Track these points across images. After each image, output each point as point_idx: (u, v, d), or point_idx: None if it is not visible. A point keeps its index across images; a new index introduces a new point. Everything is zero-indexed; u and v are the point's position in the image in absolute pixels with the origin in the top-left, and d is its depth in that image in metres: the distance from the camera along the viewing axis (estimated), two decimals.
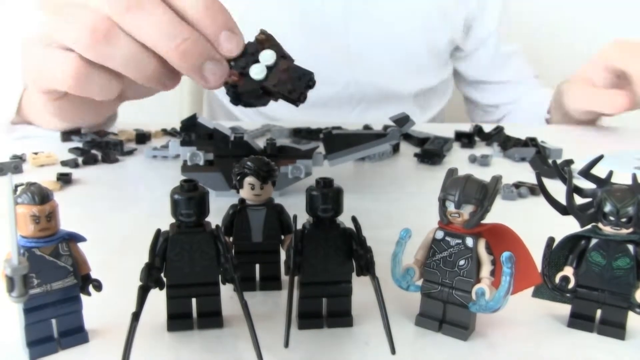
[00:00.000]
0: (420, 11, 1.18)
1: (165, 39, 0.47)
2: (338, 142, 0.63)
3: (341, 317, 0.37)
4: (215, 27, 0.49)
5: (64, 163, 0.72)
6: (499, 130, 0.90)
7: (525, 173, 0.73)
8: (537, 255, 0.37)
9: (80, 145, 0.80)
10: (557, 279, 0.37)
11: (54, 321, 0.34)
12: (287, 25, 1.13)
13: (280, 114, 1.13)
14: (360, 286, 0.37)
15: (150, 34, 0.48)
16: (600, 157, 0.40)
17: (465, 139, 0.87)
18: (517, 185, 0.65)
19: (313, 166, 0.62)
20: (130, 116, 0.94)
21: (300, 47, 1.18)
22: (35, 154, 0.72)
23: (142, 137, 0.85)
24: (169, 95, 0.64)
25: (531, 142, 0.83)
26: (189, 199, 0.35)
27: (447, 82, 1.32)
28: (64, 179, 0.65)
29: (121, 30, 0.48)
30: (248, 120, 1.15)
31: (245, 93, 0.53)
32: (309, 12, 1.15)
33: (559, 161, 0.74)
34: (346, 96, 1.20)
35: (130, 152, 0.79)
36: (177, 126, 0.72)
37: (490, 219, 0.35)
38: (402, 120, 0.61)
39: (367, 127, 0.93)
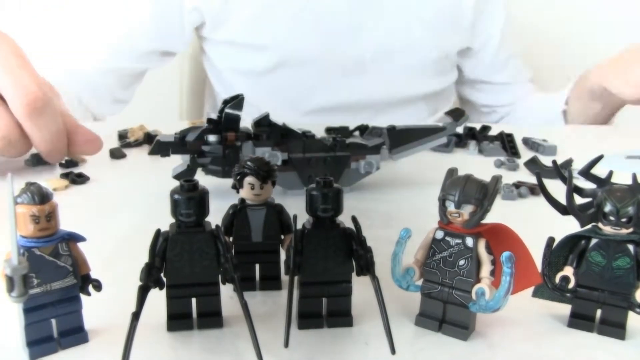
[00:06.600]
0: (429, 17, 1.19)
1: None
2: (401, 137, 0.65)
3: (341, 317, 0.37)
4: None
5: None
6: (486, 129, 0.92)
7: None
8: (537, 255, 0.37)
9: None
10: (557, 279, 0.37)
11: (53, 321, 0.34)
12: (298, 35, 1.14)
13: (282, 119, 1.13)
14: (360, 286, 0.37)
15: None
16: (600, 157, 0.40)
17: (457, 138, 0.88)
18: (517, 185, 0.65)
19: (380, 161, 0.64)
20: (131, 116, 0.94)
21: (311, 56, 1.18)
22: None
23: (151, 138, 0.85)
24: (169, 95, 0.64)
25: (507, 137, 0.87)
26: (189, 199, 0.35)
27: (453, 84, 1.34)
28: (75, 179, 0.66)
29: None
30: (245, 122, 1.15)
31: None
32: (320, 22, 1.16)
33: (559, 161, 0.74)
34: (352, 103, 1.21)
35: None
36: (176, 126, 0.72)
37: (490, 219, 0.35)
38: (457, 115, 0.63)
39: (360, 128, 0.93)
